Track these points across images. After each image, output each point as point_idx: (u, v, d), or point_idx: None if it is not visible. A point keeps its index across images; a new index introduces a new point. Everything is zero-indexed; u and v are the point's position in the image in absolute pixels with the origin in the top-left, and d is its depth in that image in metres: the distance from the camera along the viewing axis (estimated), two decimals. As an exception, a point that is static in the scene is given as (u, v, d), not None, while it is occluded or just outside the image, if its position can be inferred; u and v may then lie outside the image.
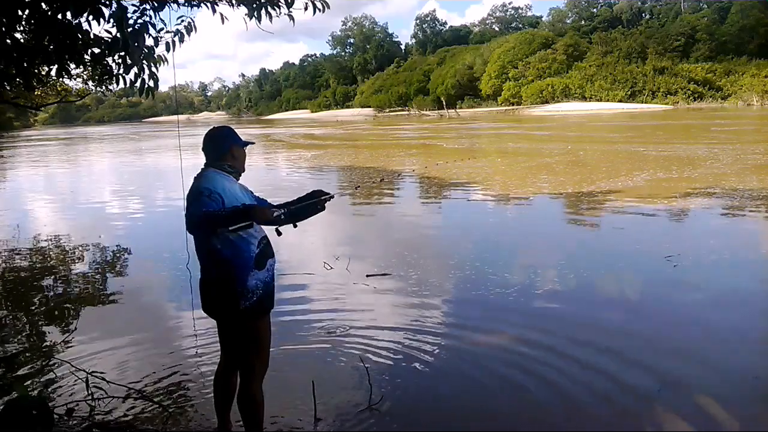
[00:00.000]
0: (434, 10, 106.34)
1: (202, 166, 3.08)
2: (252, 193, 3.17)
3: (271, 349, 3.13)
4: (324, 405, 3.68)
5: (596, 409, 3.71)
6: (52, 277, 7.46)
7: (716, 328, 4.97)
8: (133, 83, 4.47)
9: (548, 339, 4.80)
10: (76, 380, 3.98)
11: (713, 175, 13.30)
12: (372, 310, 5.52)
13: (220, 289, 2.92)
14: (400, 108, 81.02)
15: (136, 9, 4.17)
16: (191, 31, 4.30)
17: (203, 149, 3.10)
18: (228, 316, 3.00)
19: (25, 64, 4.38)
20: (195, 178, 3.02)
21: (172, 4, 4.36)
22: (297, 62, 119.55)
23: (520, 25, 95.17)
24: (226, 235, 2.86)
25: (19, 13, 4.05)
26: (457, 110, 71.15)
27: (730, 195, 10.98)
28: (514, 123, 44.12)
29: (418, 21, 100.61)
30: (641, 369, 4.18)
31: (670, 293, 5.84)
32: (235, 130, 3.15)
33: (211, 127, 3.23)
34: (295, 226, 3.09)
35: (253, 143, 3.29)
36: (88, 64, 4.70)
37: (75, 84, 10.99)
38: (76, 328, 5.38)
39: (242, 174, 3.15)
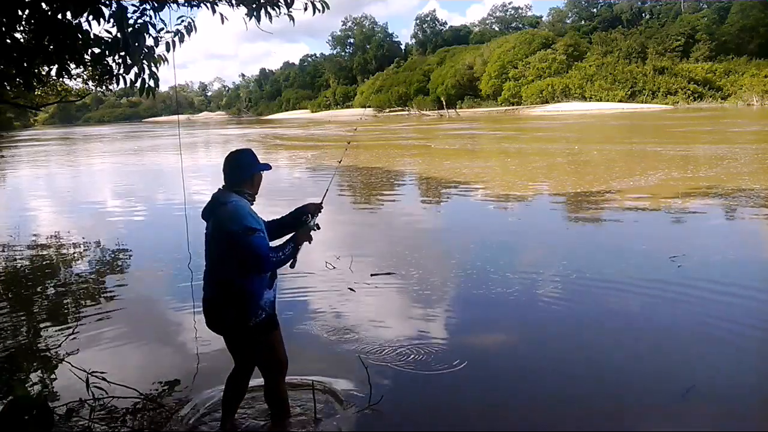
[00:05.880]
0: (434, 10, 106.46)
1: (220, 187, 3.11)
2: None
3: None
4: (324, 405, 3.68)
5: (608, 412, 3.70)
6: (52, 277, 7.46)
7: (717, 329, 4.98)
8: (133, 83, 4.48)
9: (552, 340, 4.81)
10: (76, 380, 3.98)
11: (728, 175, 13.27)
12: (373, 310, 5.52)
13: (232, 307, 3.03)
14: (400, 108, 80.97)
15: (136, 9, 4.19)
16: (191, 31, 4.31)
17: (224, 170, 3.11)
18: (239, 332, 3.10)
19: (25, 64, 4.38)
20: (221, 202, 3.01)
21: (172, 4, 4.38)
22: (297, 62, 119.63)
23: (520, 25, 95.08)
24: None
25: (19, 13, 4.06)
26: (457, 110, 71.12)
27: (747, 195, 10.94)
28: (516, 123, 44.10)
29: (418, 21, 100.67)
30: (656, 371, 4.17)
31: (672, 293, 5.84)
32: (255, 153, 3.17)
33: (234, 150, 3.22)
34: (318, 228, 3.25)
35: (269, 168, 3.22)
36: (88, 64, 4.72)
37: (75, 84, 11.03)
38: (76, 328, 5.38)
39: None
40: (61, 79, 8.76)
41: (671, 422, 3.56)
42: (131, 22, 4.12)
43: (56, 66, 4.44)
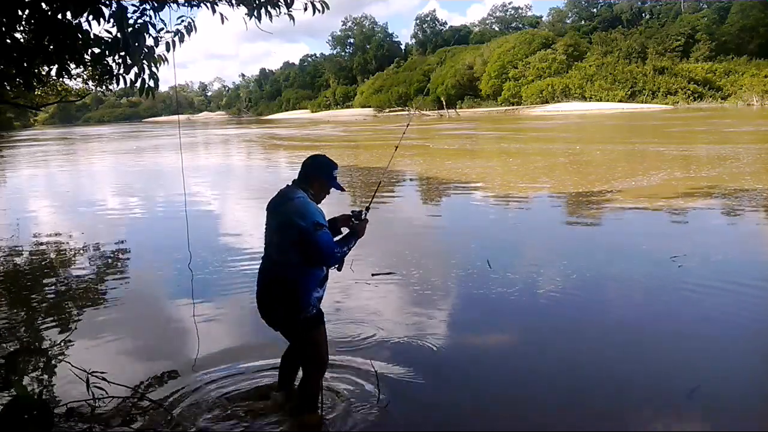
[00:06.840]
0: (434, 10, 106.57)
1: (289, 183, 3.30)
2: None
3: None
4: (328, 405, 3.68)
5: (611, 412, 3.70)
6: (52, 276, 7.44)
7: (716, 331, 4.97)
8: (133, 83, 4.47)
9: (553, 340, 4.81)
10: (76, 380, 3.97)
11: (730, 175, 13.26)
12: (374, 310, 5.51)
13: (285, 301, 3.20)
14: (400, 108, 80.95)
15: (136, 9, 4.18)
16: (191, 31, 4.31)
17: (304, 164, 3.33)
18: (290, 326, 3.29)
19: (25, 64, 4.37)
20: (288, 197, 3.20)
21: (172, 4, 4.37)
22: (297, 62, 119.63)
23: (520, 25, 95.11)
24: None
25: (19, 13, 4.05)
26: (457, 110, 71.12)
27: (749, 195, 10.92)
28: (516, 123, 44.10)
29: (418, 21, 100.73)
30: (659, 371, 4.16)
31: (673, 294, 5.83)
32: (335, 166, 3.38)
33: (316, 153, 3.47)
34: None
35: (343, 190, 3.43)
36: (88, 64, 4.71)
37: (75, 84, 11.01)
38: (76, 328, 5.37)
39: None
40: (61, 79, 8.75)
41: (676, 422, 3.55)
42: (131, 22, 4.12)
43: (56, 66, 4.43)
